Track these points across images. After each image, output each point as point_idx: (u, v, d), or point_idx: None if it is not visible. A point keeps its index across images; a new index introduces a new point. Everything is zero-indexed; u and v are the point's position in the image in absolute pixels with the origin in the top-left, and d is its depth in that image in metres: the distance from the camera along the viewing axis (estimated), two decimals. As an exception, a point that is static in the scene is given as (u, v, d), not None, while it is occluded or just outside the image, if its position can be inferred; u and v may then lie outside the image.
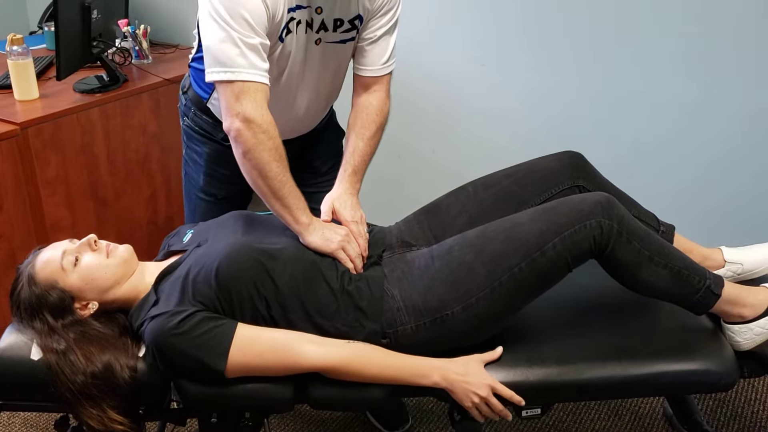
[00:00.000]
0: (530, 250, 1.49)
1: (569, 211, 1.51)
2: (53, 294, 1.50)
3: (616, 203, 1.52)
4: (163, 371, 1.47)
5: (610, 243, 1.49)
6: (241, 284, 1.48)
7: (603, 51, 2.42)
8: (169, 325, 1.42)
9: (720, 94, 2.29)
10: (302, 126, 1.93)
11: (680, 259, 1.55)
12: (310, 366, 1.45)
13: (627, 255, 1.50)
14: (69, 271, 1.51)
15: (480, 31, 2.60)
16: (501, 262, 1.50)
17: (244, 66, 1.54)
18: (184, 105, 1.96)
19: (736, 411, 2.23)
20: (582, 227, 1.48)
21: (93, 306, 1.53)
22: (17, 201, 2.33)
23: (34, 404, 1.58)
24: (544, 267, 1.49)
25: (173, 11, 3.14)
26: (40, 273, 1.52)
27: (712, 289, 1.54)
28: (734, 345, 1.59)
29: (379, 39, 1.77)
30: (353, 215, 1.69)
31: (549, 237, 1.49)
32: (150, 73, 2.74)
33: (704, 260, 1.71)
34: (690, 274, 1.54)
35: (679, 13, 2.27)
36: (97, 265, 1.53)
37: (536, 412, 1.55)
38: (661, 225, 1.75)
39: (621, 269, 1.54)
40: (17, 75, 2.43)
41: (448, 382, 1.47)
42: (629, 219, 1.52)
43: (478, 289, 1.50)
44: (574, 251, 1.49)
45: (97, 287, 1.52)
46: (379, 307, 1.52)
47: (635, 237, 1.50)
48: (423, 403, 2.27)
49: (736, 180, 2.37)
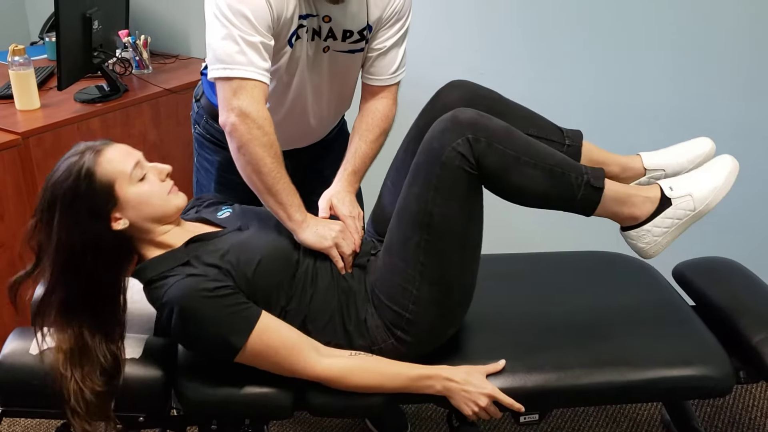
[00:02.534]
0: (420, 219, 1.47)
1: (427, 157, 1.47)
2: (103, 193, 1.43)
3: (462, 114, 1.45)
4: (173, 334, 1.43)
5: (475, 156, 1.42)
6: (270, 285, 1.49)
7: (599, 59, 2.44)
8: (205, 286, 1.39)
9: (714, 101, 2.31)
10: (313, 134, 1.95)
11: (551, 156, 1.48)
12: (314, 375, 1.46)
13: (492, 160, 1.43)
14: (132, 183, 1.45)
15: (478, 40, 2.62)
16: (407, 245, 1.50)
17: (243, 63, 1.55)
18: (196, 113, 1.97)
19: (733, 417, 2.23)
20: (443, 166, 1.43)
21: (125, 223, 1.45)
22: (18, 210, 2.34)
23: (35, 411, 1.59)
24: (441, 224, 1.46)
25: (173, 22, 3.16)
26: (101, 167, 1.43)
27: (592, 183, 1.47)
28: (640, 253, 1.56)
29: (389, 50, 1.79)
30: (350, 211, 1.69)
31: (425, 195, 1.46)
32: (150, 83, 2.76)
33: (623, 171, 1.65)
34: (564, 171, 1.47)
35: (672, 23, 2.29)
36: (158, 193, 1.49)
37: (534, 418, 1.55)
38: (566, 136, 1.67)
39: (495, 178, 1.46)
40: (19, 85, 2.44)
41: (448, 390, 1.48)
42: (484, 122, 1.45)
43: (410, 281, 1.50)
44: (456, 190, 1.45)
45: (142, 213, 1.47)
46: (364, 326, 1.54)
47: (495, 138, 1.43)
48: (422, 410, 2.27)
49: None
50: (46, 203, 1.43)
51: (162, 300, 1.42)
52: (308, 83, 1.78)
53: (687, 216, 1.53)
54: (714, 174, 1.55)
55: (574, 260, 1.98)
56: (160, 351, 1.56)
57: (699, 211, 1.53)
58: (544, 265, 1.95)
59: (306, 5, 1.64)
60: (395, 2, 1.73)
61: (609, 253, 2.00)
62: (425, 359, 1.54)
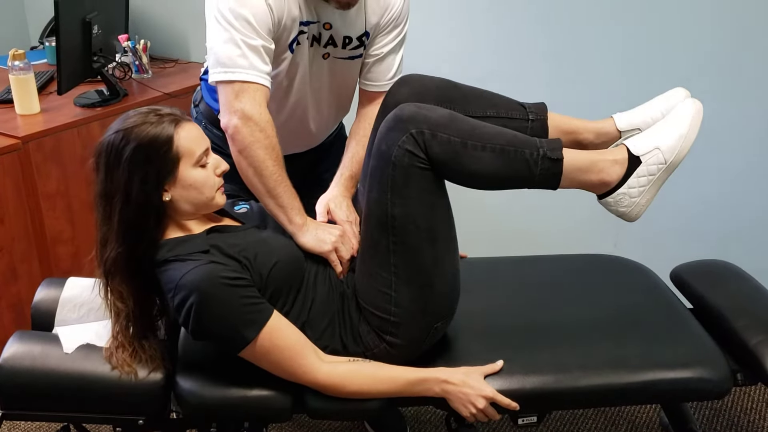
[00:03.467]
0: (383, 223, 1.47)
1: (378, 161, 1.47)
2: (170, 163, 1.43)
3: (403, 110, 1.45)
4: (181, 318, 1.41)
5: (422, 149, 1.42)
6: (280, 288, 1.49)
7: (614, 63, 2.42)
8: (226, 274, 1.39)
9: (733, 108, 2.29)
10: (312, 140, 1.96)
11: (501, 135, 1.46)
12: (313, 381, 1.46)
13: (439, 150, 1.42)
14: (195, 166, 1.46)
15: (494, 43, 2.60)
16: (378, 249, 1.50)
17: (245, 66, 1.56)
18: (195, 118, 1.98)
19: (732, 420, 2.24)
20: (394, 166, 1.43)
21: (168, 197, 1.46)
22: (18, 214, 2.34)
23: (36, 414, 1.59)
24: (405, 224, 1.46)
25: (173, 26, 3.17)
26: (179, 139, 1.43)
27: (549, 155, 1.44)
28: (623, 217, 1.53)
29: (386, 56, 1.80)
30: (347, 215, 1.70)
31: (383, 198, 1.46)
32: (150, 88, 2.77)
33: (597, 137, 1.61)
34: (517, 148, 1.44)
35: (694, 26, 2.26)
36: (210, 185, 1.49)
37: (532, 420, 1.55)
38: (530, 111, 1.63)
39: (446, 167, 1.45)
40: (19, 89, 2.45)
41: (447, 392, 1.48)
42: (424, 114, 1.44)
43: (387, 284, 1.50)
44: (413, 189, 1.44)
45: (188, 196, 1.47)
46: (358, 333, 1.54)
47: (439, 128, 1.42)
48: (420, 412, 2.28)
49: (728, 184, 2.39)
50: (114, 150, 1.43)
51: (177, 282, 1.39)
52: (308, 89, 1.78)
53: (660, 170, 1.49)
54: (678, 121, 1.50)
55: (572, 263, 1.99)
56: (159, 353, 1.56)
57: (671, 162, 1.49)
58: (542, 268, 1.96)
59: (307, 12, 1.64)
60: (393, 9, 1.74)
61: (607, 256, 2.00)
62: (424, 361, 1.54)
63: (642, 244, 2.32)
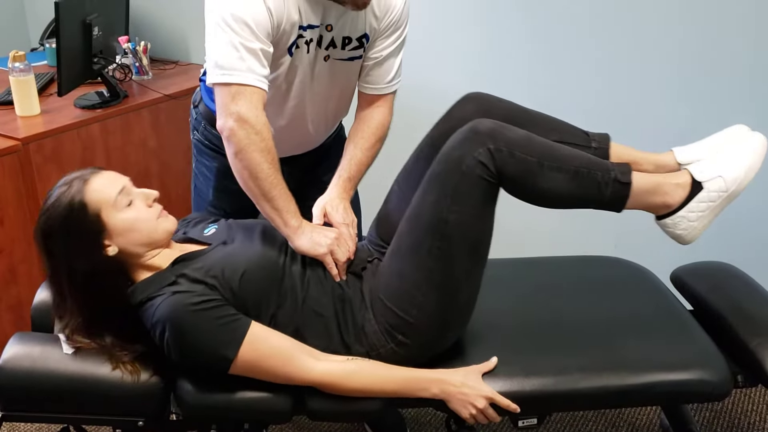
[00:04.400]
0: (433, 226, 1.49)
1: (446, 166, 1.48)
2: (92, 222, 1.46)
3: (482, 125, 1.48)
4: (166, 351, 1.44)
5: (496, 165, 1.44)
6: (259, 294, 1.49)
7: (600, 66, 2.45)
8: (192, 300, 1.41)
9: (714, 111, 2.31)
10: (311, 141, 1.95)
11: (575, 158, 1.49)
12: (310, 380, 1.46)
13: (515, 168, 1.45)
14: (118, 210, 1.48)
15: (477, 48, 2.63)
16: (418, 251, 1.51)
17: (242, 69, 1.56)
18: (194, 119, 1.98)
19: (732, 422, 2.24)
20: (463, 174, 1.45)
21: (114, 250, 1.48)
22: (18, 216, 2.35)
23: (35, 416, 1.59)
24: (455, 231, 1.48)
25: (173, 28, 3.17)
26: (89, 195, 1.47)
27: (619, 179, 1.49)
28: (678, 240, 1.56)
29: (385, 59, 1.79)
30: (345, 218, 1.70)
31: (442, 203, 1.47)
32: (150, 89, 2.77)
33: (657, 168, 1.63)
34: (590, 170, 1.48)
35: (678, 29, 2.29)
36: (145, 219, 1.51)
37: (532, 422, 1.55)
38: (593, 139, 1.66)
39: (518, 185, 1.49)
40: (19, 91, 2.45)
41: (446, 393, 1.48)
42: (503, 132, 1.47)
43: (417, 286, 1.51)
44: (472, 199, 1.47)
45: (131, 239, 1.49)
46: (362, 333, 1.54)
47: (516, 147, 1.46)
48: (420, 414, 2.28)
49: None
50: (42, 234, 1.49)
51: (152, 320, 1.44)
52: (307, 91, 1.78)
53: (720, 197, 1.52)
54: (743, 152, 1.54)
55: (573, 265, 1.99)
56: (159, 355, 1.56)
57: (732, 191, 1.52)
58: (542, 270, 1.96)
59: (310, 15, 1.64)
60: (393, 12, 1.74)
61: (607, 258, 2.00)
62: (423, 362, 1.54)
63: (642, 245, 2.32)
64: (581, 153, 1.53)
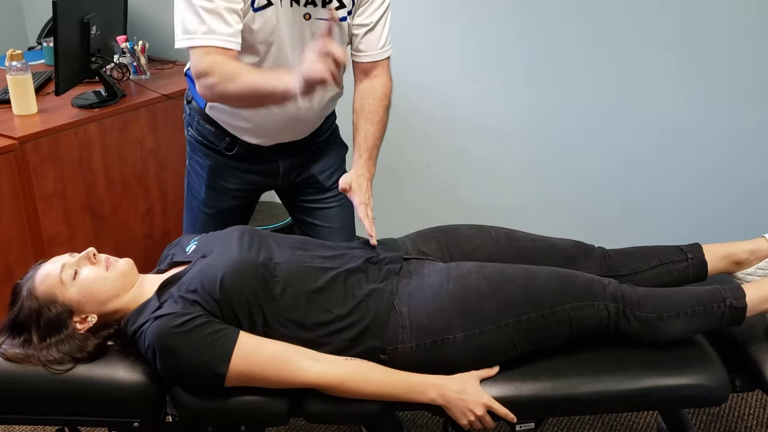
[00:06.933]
0: (542, 306, 1.53)
1: (583, 284, 1.57)
2: (52, 309, 1.50)
3: (617, 286, 1.58)
4: (162, 374, 1.46)
5: (615, 324, 1.55)
6: (242, 297, 1.49)
7: (596, 67, 2.45)
8: (174, 323, 1.42)
9: (709, 111, 2.32)
10: (304, 124, 1.91)
11: (689, 298, 1.57)
12: (308, 382, 1.46)
13: (637, 327, 1.56)
14: (68, 285, 1.51)
15: (474, 50, 2.63)
16: (513, 305, 1.53)
17: (203, 32, 1.60)
18: (188, 115, 1.97)
19: (729, 426, 2.24)
20: (590, 305, 1.54)
21: (92, 319, 1.53)
22: (14, 215, 2.34)
23: (30, 417, 1.59)
24: (551, 325, 1.54)
25: (171, 27, 3.14)
26: (39, 287, 1.52)
27: (735, 305, 1.55)
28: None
29: (375, 25, 1.80)
30: (365, 199, 1.73)
31: (562, 300, 1.54)
32: (147, 89, 2.76)
33: (752, 253, 1.71)
34: (706, 306, 1.56)
35: (670, 32, 2.30)
36: (95, 278, 1.54)
37: (530, 426, 1.55)
38: (687, 252, 1.75)
39: (638, 337, 1.58)
40: (16, 90, 2.44)
41: (445, 399, 1.48)
42: (629, 294, 1.56)
43: (485, 323, 1.51)
44: (580, 322, 1.55)
45: (96, 300, 1.53)
46: (384, 323, 1.52)
47: (637, 308, 1.55)
48: (417, 417, 2.27)
49: (726, 194, 2.39)
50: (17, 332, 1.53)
51: (144, 348, 1.46)
52: (290, 54, 1.75)
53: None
54: None
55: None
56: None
57: None
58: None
59: None
60: None
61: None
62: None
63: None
64: (692, 290, 1.60)
